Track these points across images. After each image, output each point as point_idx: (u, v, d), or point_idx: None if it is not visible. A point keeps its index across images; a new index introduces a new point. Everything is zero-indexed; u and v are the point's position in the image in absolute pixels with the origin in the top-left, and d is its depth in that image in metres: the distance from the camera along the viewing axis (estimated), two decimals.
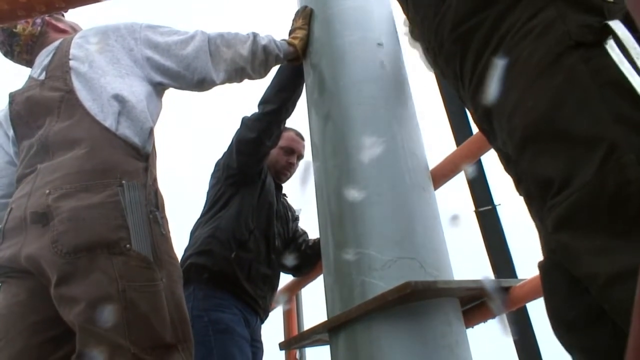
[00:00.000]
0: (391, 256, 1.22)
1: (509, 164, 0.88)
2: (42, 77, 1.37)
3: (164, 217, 1.28)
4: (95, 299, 1.09)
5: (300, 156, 2.29)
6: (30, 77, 1.44)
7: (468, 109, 1.02)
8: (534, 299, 1.28)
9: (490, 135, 0.92)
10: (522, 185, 0.82)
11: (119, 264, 1.13)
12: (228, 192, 2.05)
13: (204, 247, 1.95)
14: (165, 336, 1.12)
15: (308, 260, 2.19)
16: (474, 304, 1.35)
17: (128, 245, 1.14)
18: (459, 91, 0.99)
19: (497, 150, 0.93)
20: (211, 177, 2.20)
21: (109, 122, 1.26)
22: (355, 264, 1.27)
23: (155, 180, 1.33)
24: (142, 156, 1.29)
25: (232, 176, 2.07)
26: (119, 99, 1.28)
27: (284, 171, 2.28)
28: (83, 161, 1.21)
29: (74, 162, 1.21)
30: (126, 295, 1.10)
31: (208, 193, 2.15)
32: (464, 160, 1.59)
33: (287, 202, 2.35)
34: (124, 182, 1.19)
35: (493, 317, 1.39)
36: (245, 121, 2.03)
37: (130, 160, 1.25)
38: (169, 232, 1.29)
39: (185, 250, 2.03)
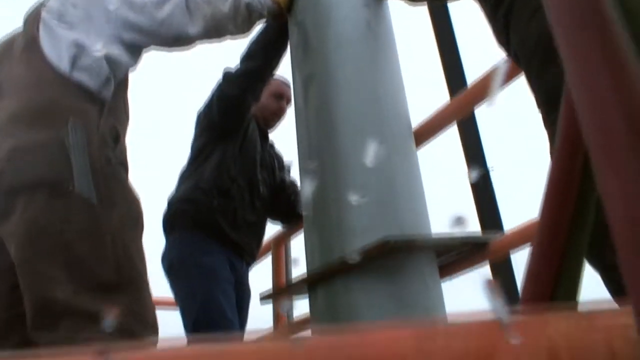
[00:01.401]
0: (371, 215, 1.26)
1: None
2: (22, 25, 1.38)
3: (121, 163, 1.28)
4: (32, 237, 1.11)
5: (289, 101, 2.24)
6: None
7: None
8: (517, 247, 1.33)
9: None
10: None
11: (60, 205, 1.13)
12: (210, 143, 2.07)
13: (187, 195, 2.00)
14: (105, 277, 1.12)
15: (297, 210, 2.22)
16: (452, 257, 1.40)
17: (71, 187, 1.13)
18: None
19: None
20: (195, 128, 2.19)
21: (63, 66, 1.25)
22: (335, 222, 1.30)
23: (114, 129, 1.31)
24: (97, 101, 1.28)
25: (213, 129, 2.07)
26: (77, 45, 1.27)
27: (274, 117, 2.27)
28: (30, 101, 1.22)
29: (21, 103, 1.22)
30: (64, 237, 1.11)
31: (192, 144, 2.16)
32: (454, 115, 1.62)
33: (275, 151, 2.35)
34: (70, 121, 1.18)
35: (473, 268, 1.45)
36: (227, 76, 2.00)
37: (81, 103, 1.24)
38: (126, 176, 1.28)
39: (172, 197, 2.07)
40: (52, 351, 0.31)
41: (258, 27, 1.70)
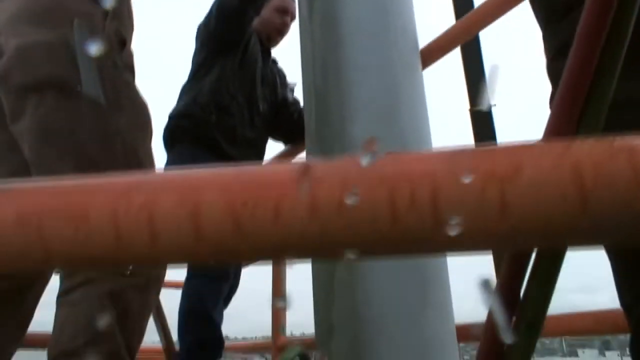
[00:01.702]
0: (374, 130, 1.26)
1: None
2: None
3: (127, 67, 1.27)
4: (44, 137, 1.12)
5: (293, 17, 2.17)
6: None
7: None
8: None
9: None
10: None
11: (69, 106, 1.13)
12: (210, 57, 2.02)
13: (185, 110, 1.98)
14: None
15: (300, 129, 2.21)
16: None
17: (79, 88, 1.12)
18: None
19: None
20: (195, 41, 2.15)
21: None
22: (337, 141, 1.30)
23: (119, 32, 1.29)
24: (101, 4, 1.26)
25: (213, 43, 2.02)
26: None
27: (276, 33, 2.20)
28: (33, 2, 1.19)
29: (23, 4, 1.19)
30: (75, 137, 1.12)
31: (193, 58, 2.12)
32: (460, 36, 1.59)
33: (277, 68, 2.30)
34: (75, 22, 1.16)
35: None
36: None
37: (85, 5, 1.22)
38: (133, 81, 1.28)
39: (172, 112, 2.06)
40: (51, 184, 0.31)
41: None
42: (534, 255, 0.31)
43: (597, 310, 1.34)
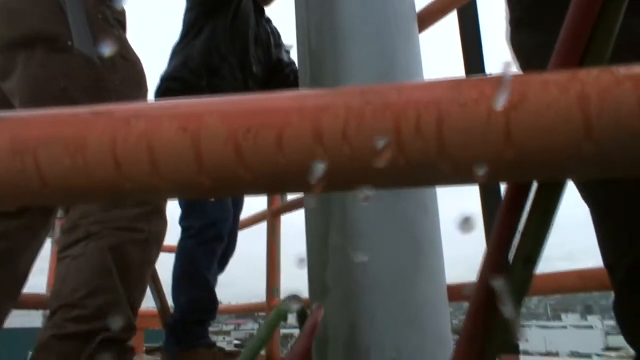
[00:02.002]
0: None
1: None
2: None
3: (118, 22, 1.24)
4: (35, 93, 1.09)
5: None
6: None
7: None
8: None
9: None
10: None
11: (60, 60, 1.10)
12: (200, 17, 1.97)
13: (176, 74, 1.94)
14: None
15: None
16: None
17: (69, 43, 1.10)
18: None
19: None
20: (186, 0, 2.10)
21: None
22: None
23: None
24: None
25: (203, 2, 1.97)
26: None
27: None
28: None
29: None
30: (68, 94, 1.10)
31: (183, 18, 2.06)
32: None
33: (272, 27, 2.24)
34: None
35: None
36: None
37: None
38: (124, 36, 1.25)
39: (162, 74, 2.01)
40: (48, 113, 0.31)
41: None
42: (534, 190, 0.31)
43: (581, 269, 1.36)
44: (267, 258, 2.63)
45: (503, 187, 0.35)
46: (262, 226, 2.72)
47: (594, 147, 0.26)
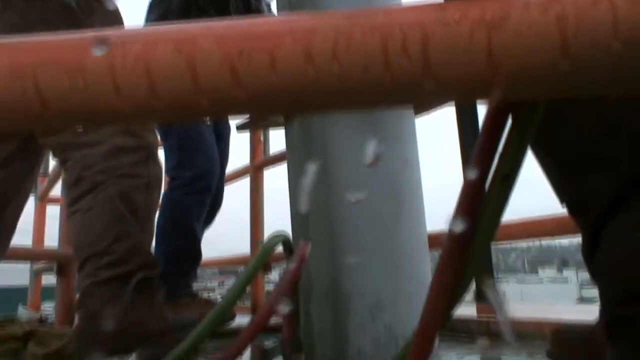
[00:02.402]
0: None
1: None
2: None
3: None
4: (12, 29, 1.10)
5: None
6: None
7: None
8: None
9: None
10: None
11: (37, 7, 1.10)
12: None
13: (157, 17, 1.92)
14: None
15: None
16: None
17: None
18: None
19: None
20: None
21: None
22: None
23: None
24: None
25: None
26: None
27: None
28: None
29: None
30: None
31: None
32: None
33: None
34: None
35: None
36: None
37: None
38: None
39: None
40: (46, 38, 0.31)
41: None
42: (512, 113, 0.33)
43: (560, 215, 1.41)
44: (250, 212, 2.66)
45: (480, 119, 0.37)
46: (246, 190, 2.74)
47: (570, 65, 0.27)
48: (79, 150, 1.27)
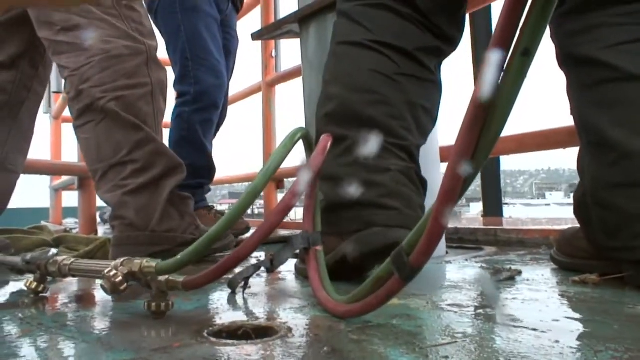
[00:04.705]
0: None
1: None
2: None
3: None
4: None
5: None
6: None
7: None
8: None
9: None
10: None
11: None
12: None
13: None
14: None
15: None
16: None
17: None
18: None
19: None
20: None
21: None
22: None
23: None
24: None
25: None
26: None
27: None
28: None
29: None
30: None
31: None
32: None
33: None
34: None
35: None
36: None
37: None
38: None
39: None
40: None
41: None
42: None
43: (571, 126, 1.43)
44: (263, 128, 2.69)
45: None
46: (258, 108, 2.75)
47: None
48: (71, 54, 1.27)
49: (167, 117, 2.18)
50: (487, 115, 0.39)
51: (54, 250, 0.81)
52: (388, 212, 0.90)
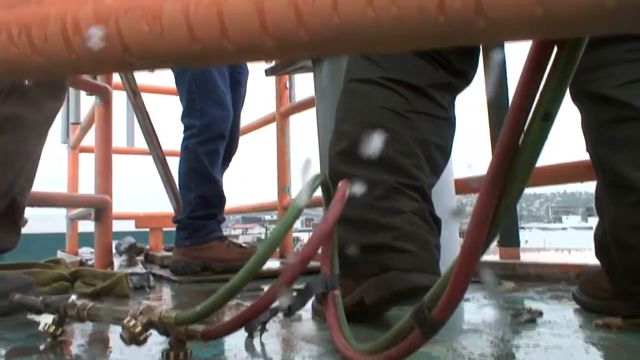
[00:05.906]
0: None
1: None
2: None
3: None
4: None
5: None
6: None
7: None
8: None
9: None
10: None
11: None
12: None
13: None
14: None
15: None
16: None
17: None
18: None
19: None
20: None
21: None
22: None
23: None
24: None
25: None
26: None
27: None
28: None
29: None
30: None
31: None
32: None
33: None
34: None
35: None
36: None
37: None
38: None
39: None
40: None
41: None
42: (555, 50, 0.35)
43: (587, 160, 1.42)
44: (277, 158, 2.70)
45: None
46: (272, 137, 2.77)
47: (616, 1, 0.29)
48: None
49: (177, 146, 2.22)
50: (506, 180, 0.39)
51: (73, 297, 0.81)
52: (404, 255, 0.90)
